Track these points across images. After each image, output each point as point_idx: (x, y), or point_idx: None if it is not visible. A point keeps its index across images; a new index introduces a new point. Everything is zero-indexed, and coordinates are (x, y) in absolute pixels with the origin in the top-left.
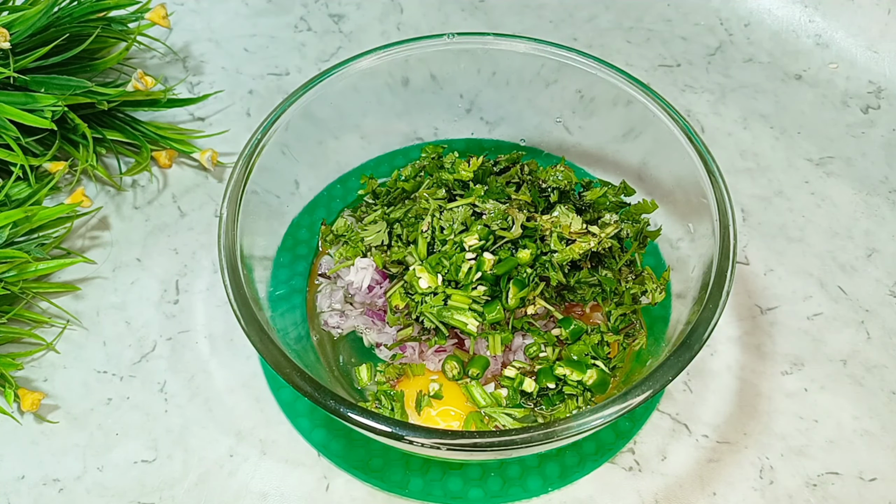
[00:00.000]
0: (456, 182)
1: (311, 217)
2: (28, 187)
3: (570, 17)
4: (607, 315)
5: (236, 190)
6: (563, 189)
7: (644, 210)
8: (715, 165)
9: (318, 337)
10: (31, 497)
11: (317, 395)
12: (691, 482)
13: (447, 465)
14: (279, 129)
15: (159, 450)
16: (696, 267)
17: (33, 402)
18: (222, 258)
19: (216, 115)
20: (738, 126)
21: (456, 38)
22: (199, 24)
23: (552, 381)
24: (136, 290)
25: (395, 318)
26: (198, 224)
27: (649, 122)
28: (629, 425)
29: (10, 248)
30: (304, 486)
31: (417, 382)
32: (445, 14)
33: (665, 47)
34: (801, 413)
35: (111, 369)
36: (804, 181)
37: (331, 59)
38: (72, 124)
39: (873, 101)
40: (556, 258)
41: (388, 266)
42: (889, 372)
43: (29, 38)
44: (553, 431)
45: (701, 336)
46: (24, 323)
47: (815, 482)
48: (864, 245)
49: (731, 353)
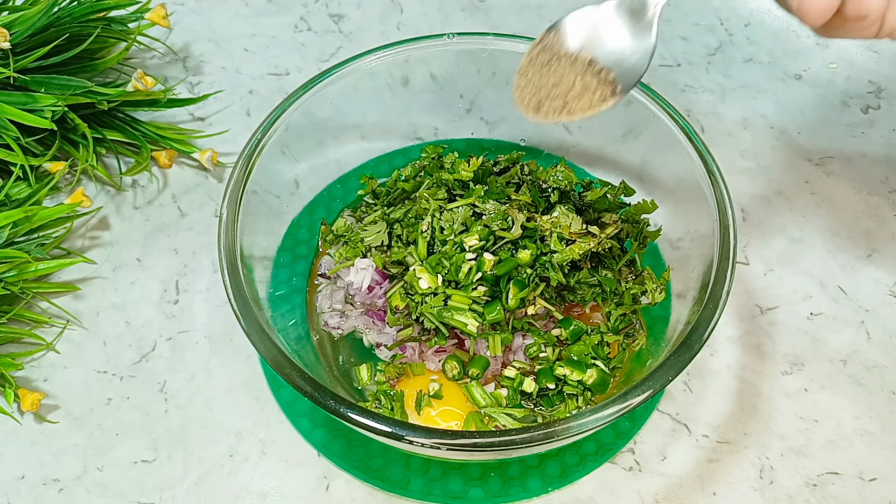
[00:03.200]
0: (456, 182)
1: (311, 217)
2: (28, 187)
3: None
4: (607, 315)
5: (236, 190)
6: (563, 189)
7: (644, 210)
8: (715, 165)
9: (318, 337)
10: (31, 497)
11: (317, 395)
12: (691, 482)
13: (447, 465)
14: (279, 129)
15: (159, 450)
16: (696, 267)
17: (33, 402)
18: (222, 258)
19: (216, 115)
20: (738, 126)
21: (456, 38)
22: (199, 24)
23: (552, 381)
24: (136, 290)
25: (395, 318)
26: (198, 224)
27: (649, 122)
28: (629, 425)
29: (10, 248)
30: (304, 486)
31: (417, 382)
32: (445, 14)
33: (665, 47)
34: (801, 413)
35: (111, 369)
36: (804, 181)
37: (331, 59)
38: (72, 124)
39: (873, 101)
40: (556, 258)
41: (388, 266)
42: (889, 372)
43: (29, 38)
44: (553, 431)
45: (701, 336)
46: (24, 323)
47: (815, 482)
48: (864, 245)
49: (731, 353)
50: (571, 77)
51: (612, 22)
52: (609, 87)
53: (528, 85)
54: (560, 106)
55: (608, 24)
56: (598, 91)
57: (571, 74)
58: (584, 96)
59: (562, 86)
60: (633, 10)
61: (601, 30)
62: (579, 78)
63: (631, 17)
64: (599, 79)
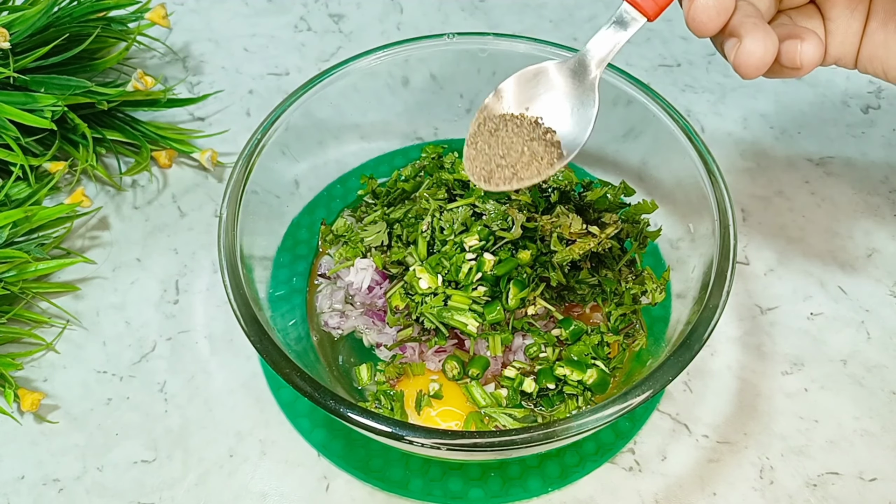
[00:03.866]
0: (456, 182)
1: (311, 217)
2: (28, 187)
3: (570, 17)
4: (607, 315)
5: (236, 190)
6: (563, 189)
7: (644, 210)
8: (715, 165)
9: (318, 337)
10: (31, 497)
11: (317, 395)
12: (691, 482)
13: (447, 465)
14: (279, 129)
15: (159, 450)
16: (696, 267)
17: (33, 402)
18: (222, 258)
19: (216, 115)
20: (738, 126)
21: (456, 38)
22: (199, 24)
23: (552, 381)
24: (136, 290)
25: (395, 318)
26: (198, 224)
27: (649, 122)
28: (629, 425)
29: (10, 248)
30: (304, 486)
31: (417, 382)
32: (445, 14)
33: (665, 47)
34: (801, 413)
35: (111, 369)
36: (804, 181)
37: (331, 59)
38: (72, 124)
39: (873, 101)
40: (556, 258)
41: (388, 266)
42: (889, 372)
43: (29, 38)
44: (553, 431)
45: (701, 336)
46: (24, 323)
47: (816, 482)
48: (864, 245)
49: (731, 353)
50: (519, 146)
51: (555, 82)
52: (556, 151)
53: (479, 156)
54: (510, 175)
55: (551, 84)
56: (545, 157)
57: (519, 142)
58: (532, 164)
59: (510, 155)
60: (574, 71)
61: (544, 89)
62: (527, 147)
63: (573, 79)
64: (546, 142)
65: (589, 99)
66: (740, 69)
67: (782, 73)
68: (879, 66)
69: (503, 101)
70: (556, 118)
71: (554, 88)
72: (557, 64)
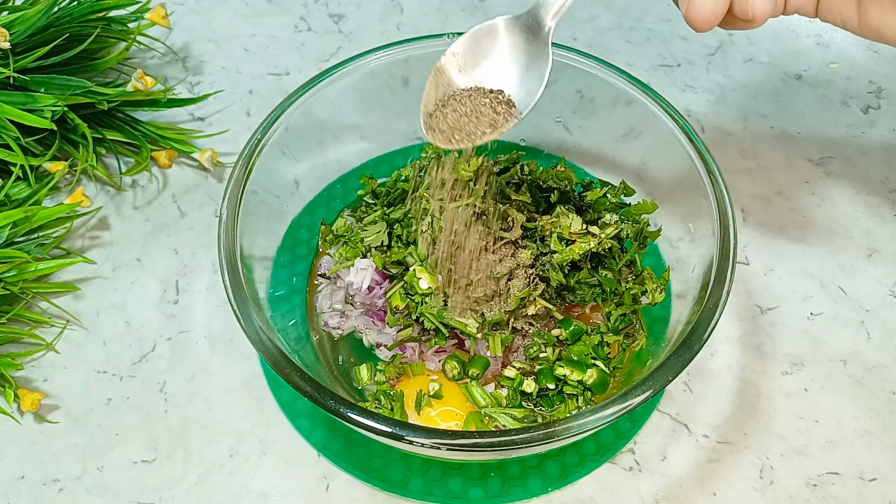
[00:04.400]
0: (456, 182)
1: (311, 217)
2: (28, 187)
3: (570, 17)
4: (607, 315)
5: (236, 190)
6: (563, 189)
7: (644, 210)
8: (715, 165)
9: (318, 337)
10: (31, 497)
11: (317, 395)
12: (691, 482)
13: (447, 465)
14: (279, 129)
15: (159, 450)
16: (696, 267)
17: (33, 402)
18: (222, 258)
19: (216, 115)
20: (738, 126)
21: (456, 38)
22: (199, 24)
23: (552, 381)
24: (136, 290)
25: (395, 318)
26: (198, 224)
27: (649, 122)
28: (629, 425)
29: (10, 248)
30: (304, 486)
31: (417, 382)
32: (445, 14)
33: (665, 47)
34: (801, 413)
35: (111, 369)
36: (804, 181)
37: (331, 59)
38: (72, 124)
39: (873, 101)
40: (557, 258)
41: (388, 266)
42: (889, 372)
43: (29, 38)
44: (553, 431)
45: (701, 336)
46: (24, 323)
47: (815, 482)
48: (864, 245)
49: (731, 353)
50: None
51: (508, 39)
52: (507, 109)
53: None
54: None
55: (503, 41)
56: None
57: (470, 109)
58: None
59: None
60: (528, 26)
61: (496, 48)
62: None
63: (527, 34)
64: (498, 102)
65: (542, 55)
66: (692, 21)
67: (735, 24)
68: (837, 14)
69: (457, 61)
70: (507, 77)
71: (506, 46)
72: (510, 19)
